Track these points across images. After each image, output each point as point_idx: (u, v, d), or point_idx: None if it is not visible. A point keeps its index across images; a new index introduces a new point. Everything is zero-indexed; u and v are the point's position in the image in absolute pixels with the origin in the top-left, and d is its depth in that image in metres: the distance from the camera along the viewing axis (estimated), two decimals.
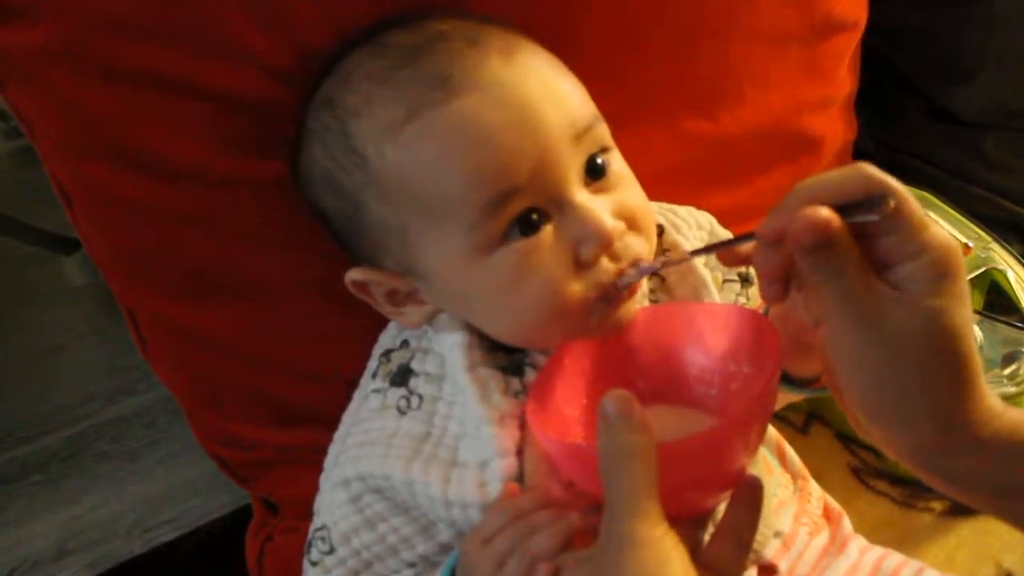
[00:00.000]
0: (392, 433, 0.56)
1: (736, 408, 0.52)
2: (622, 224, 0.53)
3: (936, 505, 0.79)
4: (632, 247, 0.54)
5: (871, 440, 0.47)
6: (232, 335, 0.71)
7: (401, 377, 0.58)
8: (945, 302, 0.42)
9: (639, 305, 0.57)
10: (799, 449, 0.67)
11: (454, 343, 0.56)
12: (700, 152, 0.80)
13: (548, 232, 0.52)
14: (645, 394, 0.55)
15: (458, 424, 0.55)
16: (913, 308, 0.42)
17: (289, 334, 0.71)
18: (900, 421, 0.44)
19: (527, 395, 0.55)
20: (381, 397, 0.58)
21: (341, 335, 0.68)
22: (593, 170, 0.54)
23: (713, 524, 0.52)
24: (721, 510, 0.52)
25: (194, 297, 0.69)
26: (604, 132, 0.56)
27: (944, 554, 0.75)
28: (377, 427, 0.57)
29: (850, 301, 0.42)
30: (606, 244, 0.51)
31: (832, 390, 0.48)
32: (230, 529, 0.90)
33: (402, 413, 0.57)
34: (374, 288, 0.58)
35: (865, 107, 0.96)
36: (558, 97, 0.53)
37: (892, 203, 0.41)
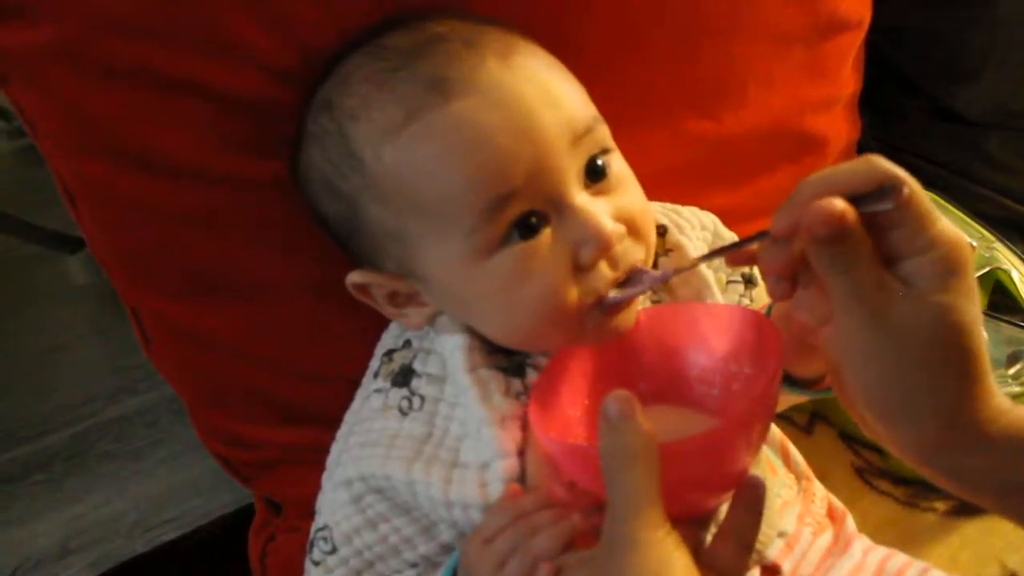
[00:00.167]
0: (394, 434, 0.56)
1: (738, 408, 0.52)
2: (622, 227, 0.52)
3: (940, 505, 0.79)
4: (630, 254, 0.53)
5: (876, 438, 0.47)
6: (234, 334, 0.71)
7: (403, 377, 0.58)
8: (953, 298, 0.42)
9: (641, 306, 0.56)
10: (803, 449, 0.66)
11: (455, 345, 0.56)
12: (702, 152, 0.80)
13: (547, 235, 0.52)
14: (647, 394, 0.55)
15: (459, 425, 0.55)
16: (921, 304, 0.42)
17: (291, 333, 0.71)
18: (906, 418, 0.44)
19: (529, 396, 0.55)
20: (383, 397, 0.58)
21: (343, 335, 0.68)
22: (593, 172, 0.53)
23: (715, 524, 0.52)
24: (724, 510, 0.52)
25: (196, 297, 0.69)
26: (604, 133, 0.55)
27: (948, 554, 0.75)
28: (379, 427, 0.57)
29: (860, 296, 0.42)
30: (605, 247, 0.51)
31: (836, 388, 0.48)
32: (232, 528, 0.90)
33: (404, 414, 0.57)
34: (375, 290, 0.58)
35: (868, 107, 0.96)
36: (556, 99, 0.52)
37: (907, 191, 0.41)
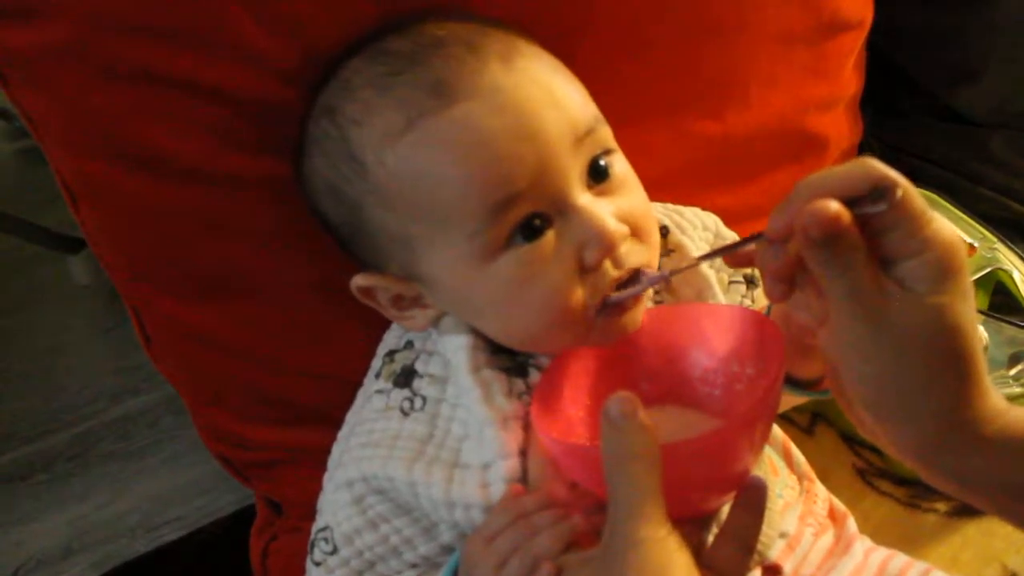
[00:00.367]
0: (395, 434, 0.56)
1: (740, 409, 0.52)
2: (625, 227, 0.52)
3: (941, 506, 0.79)
4: (633, 255, 0.53)
5: (874, 439, 0.47)
6: (236, 334, 0.71)
7: (405, 378, 0.58)
8: (948, 299, 0.42)
9: (643, 308, 0.56)
10: (804, 450, 0.66)
11: (458, 345, 0.56)
12: (705, 152, 0.80)
13: (551, 237, 0.52)
14: (649, 395, 0.55)
15: (461, 426, 0.55)
16: (916, 305, 0.42)
17: (293, 333, 0.71)
18: (903, 419, 0.44)
19: (531, 396, 0.55)
20: (384, 398, 0.58)
21: (344, 335, 0.68)
22: (596, 172, 0.53)
23: (717, 525, 0.53)
24: (725, 511, 0.52)
25: (198, 296, 0.69)
26: (606, 134, 0.55)
27: (949, 555, 0.75)
28: (380, 428, 0.57)
29: (856, 297, 0.42)
30: (609, 247, 0.51)
31: (834, 389, 0.48)
32: (234, 528, 0.90)
33: (405, 414, 0.57)
34: (379, 293, 0.58)
35: (870, 107, 0.96)
36: (558, 101, 0.52)
37: (900, 192, 0.41)
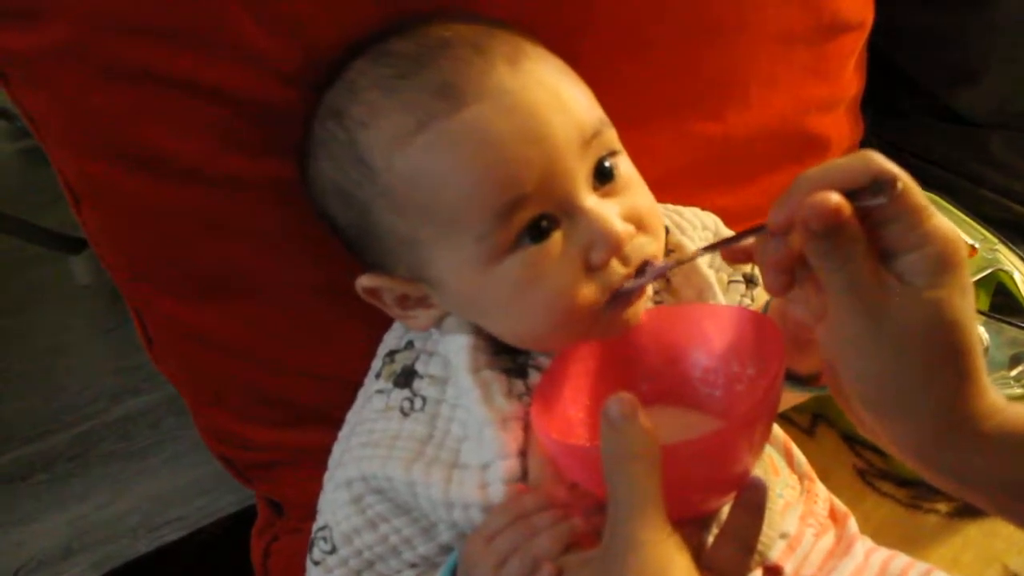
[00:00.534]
0: (395, 435, 0.56)
1: (740, 410, 0.52)
2: (631, 227, 0.53)
3: (942, 507, 0.79)
4: (642, 248, 0.53)
5: (873, 437, 0.47)
6: (237, 335, 0.71)
7: (405, 378, 0.58)
8: (947, 294, 0.42)
9: (645, 303, 0.57)
10: (805, 450, 0.66)
11: (459, 346, 0.56)
12: (705, 153, 0.80)
13: (558, 238, 0.52)
14: (649, 396, 0.55)
15: (460, 427, 0.55)
16: (915, 300, 0.42)
17: (294, 334, 0.71)
18: (901, 414, 0.44)
19: (531, 397, 0.55)
20: (385, 398, 0.58)
21: (346, 335, 0.68)
22: (601, 174, 0.54)
23: (717, 526, 0.52)
24: (725, 511, 0.52)
25: (199, 297, 0.69)
26: (612, 136, 0.55)
27: (950, 556, 0.75)
28: (380, 428, 0.57)
29: (856, 290, 0.42)
30: (616, 248, 0.51)
31: (831, 385, 0.48)
32: (235, 529, 0.90)
33: (405, 415, 0.57)
34: (385, 294, 0.58)
35: (871, 108, 0.96)
36: (565, 103, 0.52)
37: (900, 185, 0.41)
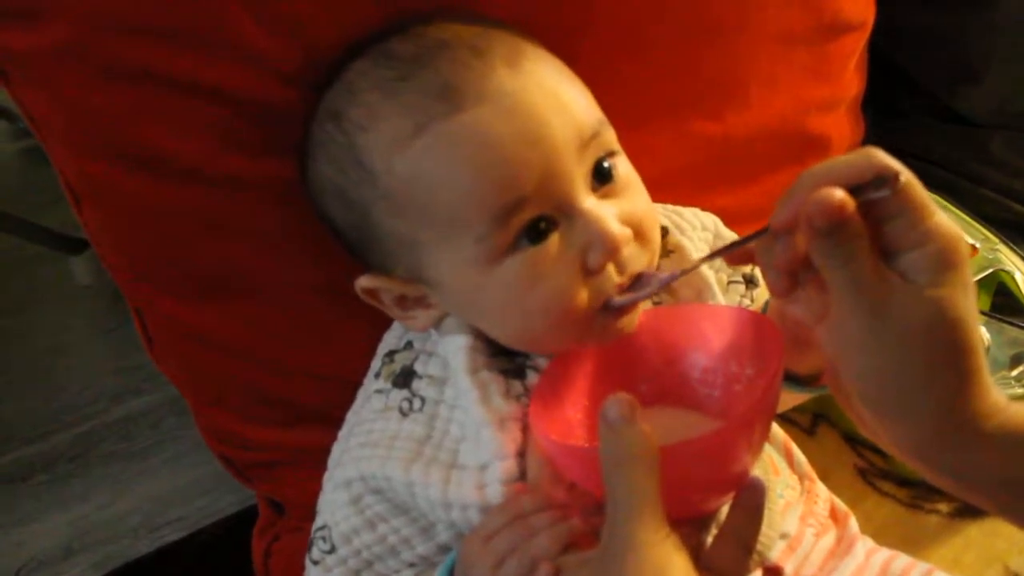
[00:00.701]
0: (394, 435, 0.56)
1: (739, 410, 0.52)
2: (628, 231, 0.52)
3: (943, 507, 0.79)
4: (634, 259, 0.53)
5: (873, 437, 0.47)
6: (238, 335, 0.71)
7: (404, 379, 0.58)
8: (949, 291, 0.42)
9: (640, 310, 0.56)
10: (805, 450, 0.66)
11: (458, 346, 0.56)
12: (706, 153, 0.80)
13: (556, 239, 0.52)
14: (648, 396, 0.55)
15: (458, 427, 0.55)
16: (917, 298, 0.42)
17: (294, 334, 0.71)
18: (902, 413, 0.44)
19: (529, 398, 0.55)
20: (383, 398, 0.58)
21: (346, 335, 0.68)
22: (600, 175, 0.54)
23: (716, 526, 0.52)
24: (725, 512, 0.52)
25: (200, 297, 0.69)
26: (610, 137, 0.55)
27: (951, 556, 0.75)
28: (379, 428, 0.57)
29: (858, 288, 0.42)
30: (612, 251, 0.51)
31: (832, 385, 0.48)
32: (236, 529, 0.90)
33: (404, 415, 0.57)
34: (384, 295, 0.58)
35: (871, 108, 0.96)
36: (564, 105, 0.52)
37: (903, 179, 0.41)
